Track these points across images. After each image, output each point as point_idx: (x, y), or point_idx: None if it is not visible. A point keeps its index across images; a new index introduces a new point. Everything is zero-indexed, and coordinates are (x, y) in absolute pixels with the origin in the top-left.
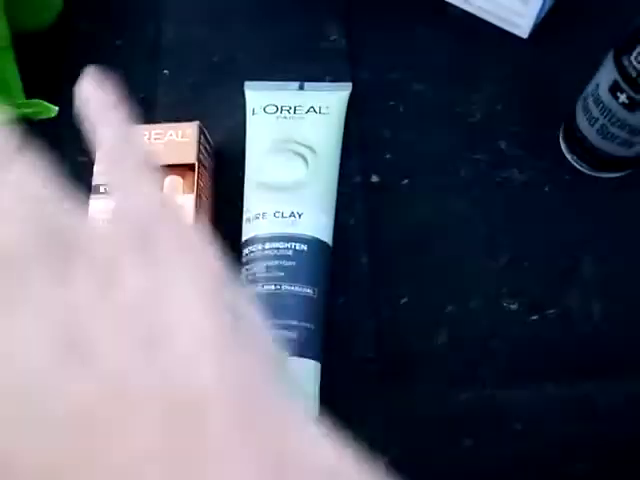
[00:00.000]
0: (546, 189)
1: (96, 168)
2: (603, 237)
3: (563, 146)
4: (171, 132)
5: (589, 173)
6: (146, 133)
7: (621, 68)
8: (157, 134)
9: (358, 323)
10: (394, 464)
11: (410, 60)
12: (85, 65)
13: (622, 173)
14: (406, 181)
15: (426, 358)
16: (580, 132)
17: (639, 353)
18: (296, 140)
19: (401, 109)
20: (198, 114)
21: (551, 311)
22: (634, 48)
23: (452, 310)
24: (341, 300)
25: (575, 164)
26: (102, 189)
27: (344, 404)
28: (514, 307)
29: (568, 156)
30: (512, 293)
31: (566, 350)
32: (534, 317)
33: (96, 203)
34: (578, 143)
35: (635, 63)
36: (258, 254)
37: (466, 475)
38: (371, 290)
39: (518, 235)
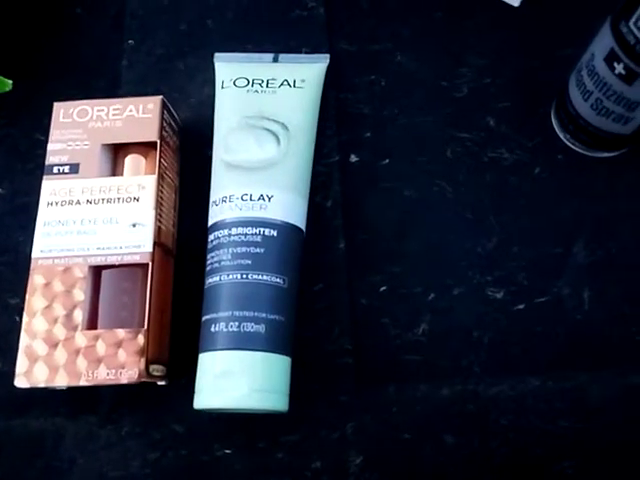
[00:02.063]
0: (537, 169)
1: (50, 147)
2: (596, 220)
3: (555, 123)
4: (131, 107)
5: (582, 152)
6: (104, 109)
7: (618, 35)
8: (115, 109)
9: (334, 312)
10: (372, 462)
11: (393, 30)
12: (42, 36)
13: (617, 152)
14: (387, 161)
15: (406, 349)
16: (573, 108)
17: (632, 343)
18: (267, 116)
19: (382, 83)
20: (165, 88)
21: (540, 299)
22: (633, 13)
23: (434, 298)
24: (316, 288)
25: (568, 143)
26: (55, 169)
27: (317, 400)
28: (499, 295)
29: (560, 134)
30: (498, 280)
31: (555, 340)
32: (520, 306)
33: (49, 184)
34: (571, 120)
35: (634, 29)
36: (224, 240)
37: (447, 474)
38: (348, 277)
39: (506, 219)
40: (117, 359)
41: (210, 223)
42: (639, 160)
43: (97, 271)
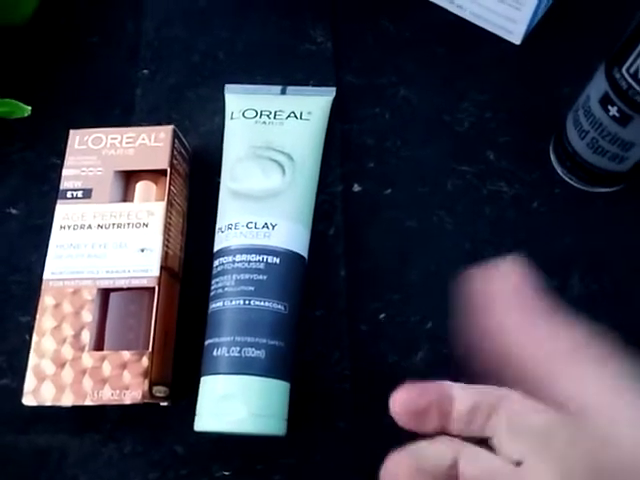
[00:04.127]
0: (535, 203)
1: (64, 172)
2: (592, 254)
3: (553, 159)
4: (143, 136)
5: (580, 187)
6: (117, 137)
7: (612, 80)
8: (129, 138)
9: (334, 338)
10: None
11: (398, 65)
12: (61, 63)
13: (613, 188)
14: (389, 191)
15: (403, 376)
16: (570, 145)
17: None
18: (274, 147)
19: (386, 116)
20: (177, 116)
21: None
22: (625, 60)
23: (432, 327)
24: (317, 314)
25: (565, 178)
26: (69, 194)
27: (315, 424)
28: None
29: (558, 169)
30: None
31: None
32: None
33: (62, 208)
34: (568, 156)
35: (626, 75)
36: (228, 267)
37: None
38: (348, 304)
39: (504, 251)
40: (122, 380)
41: (215, 249)
42: (634, 196)
43: (105, 293)
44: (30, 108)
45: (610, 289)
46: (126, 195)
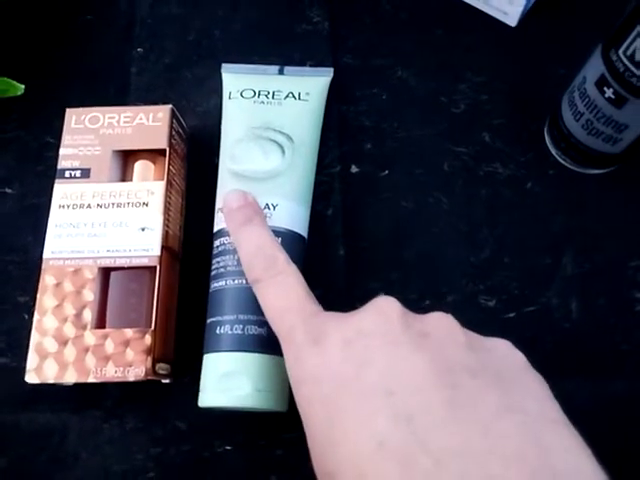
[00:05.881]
0: (529, 184)
1: (62, 151)
2: (585, 234)
3: (548, 140)
4: (141, 115)
5: (573, 169)
6: (115, 116)
7: (608, 62)
8: (126, 117)
9: None
10: None
11: (395, 46)
12: (54, 41)
13: (607, 169)
14: (386, 172)
15: None
16: (565, 127)
17: (617, 352)
18: (273, 127)
19: (384, 97)
20: (173, 96)
21: (529, 308)
22: (622, 42)
23: (429, 305)
24: (316, 293)
25: (559, 159)
26: (67, 174)
27: None
28: (491, 304)
29: (553, 151)
30: (490, 289)
31: (544, 348)
32: (511, 314)
33: (61, 188)
34: (563, 138)
35: (623, 58)
36: (229, 246)
37: None
38: (347, 283)
39: (499, 230)
40: (125, 357)
41: (216, 229)
42: (626, 177)
43: (106, 273)
44: (23, 87)
45: (602, 268)
46: (124, 175)
